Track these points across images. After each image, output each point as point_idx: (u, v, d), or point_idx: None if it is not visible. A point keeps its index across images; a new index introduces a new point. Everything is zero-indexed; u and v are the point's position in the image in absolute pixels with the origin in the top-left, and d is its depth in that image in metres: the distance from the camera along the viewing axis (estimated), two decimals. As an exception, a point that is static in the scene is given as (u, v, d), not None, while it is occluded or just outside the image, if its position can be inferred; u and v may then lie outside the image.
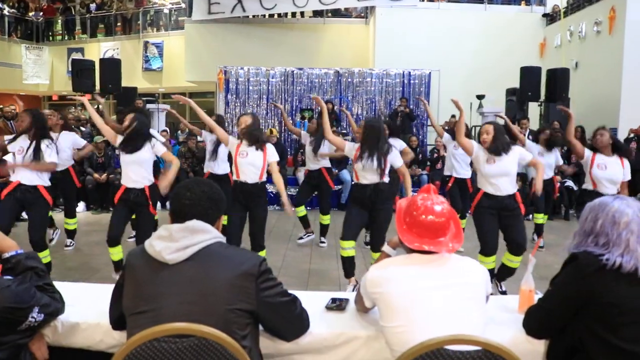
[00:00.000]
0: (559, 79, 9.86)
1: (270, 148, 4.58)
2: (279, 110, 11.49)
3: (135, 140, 4.48)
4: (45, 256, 4.55)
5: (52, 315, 1.96)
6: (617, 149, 4.85)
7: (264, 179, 4.62)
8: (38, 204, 4.55)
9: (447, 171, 6.49)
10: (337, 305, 2.17)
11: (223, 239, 1.76)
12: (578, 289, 1.78)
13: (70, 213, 6.24)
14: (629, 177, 4.81)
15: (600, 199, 1.90)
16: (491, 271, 4.39)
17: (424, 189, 1.93)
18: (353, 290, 4.43)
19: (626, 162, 4.81)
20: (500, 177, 4.28)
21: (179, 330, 1.51)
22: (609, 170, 4.77)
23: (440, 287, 1.75)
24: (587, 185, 4.88)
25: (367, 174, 4.43)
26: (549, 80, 10.03)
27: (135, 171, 4.52)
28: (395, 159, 4.49)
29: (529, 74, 10.00)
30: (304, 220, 6.67)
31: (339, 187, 8.98)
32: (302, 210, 6.63)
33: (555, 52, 12.49)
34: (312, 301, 2.10)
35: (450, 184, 6.36)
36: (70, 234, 6.28)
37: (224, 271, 1.65)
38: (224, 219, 5.93)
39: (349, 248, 4.53)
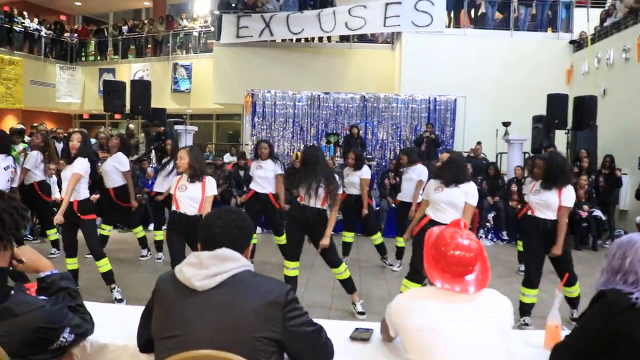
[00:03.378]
0: (587, 106, 9.72)
1: (209, 182, 4.56)
2: (305, 133, 11.65)
3: None
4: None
5: (82, 335, 2.00)
6: None
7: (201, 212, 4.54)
8: None
9: (406, 198, 6.52)
10: (362, 335, 2.17)
11: (251, 267, 1.79)
12: (606, 326, 1.76)
13: (47, 226, 7.01)
14: None
15: (629, 236, 1.89)
16: None
17: (453, 224, 1.90)
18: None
19: None
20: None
21: (206, 357, 1.54)
22: None
23: (465, 321, 1.73)
24: None
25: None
26: (577, 108, 9.89)
27: None
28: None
29: (555, 101, 9.90)
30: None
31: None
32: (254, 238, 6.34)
33: (582, 79, 12.36)
34: (337, 331, 2.10)
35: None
36: (54, 243, 6.92)
37: (252, 299, 1.68)
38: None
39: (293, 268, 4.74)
